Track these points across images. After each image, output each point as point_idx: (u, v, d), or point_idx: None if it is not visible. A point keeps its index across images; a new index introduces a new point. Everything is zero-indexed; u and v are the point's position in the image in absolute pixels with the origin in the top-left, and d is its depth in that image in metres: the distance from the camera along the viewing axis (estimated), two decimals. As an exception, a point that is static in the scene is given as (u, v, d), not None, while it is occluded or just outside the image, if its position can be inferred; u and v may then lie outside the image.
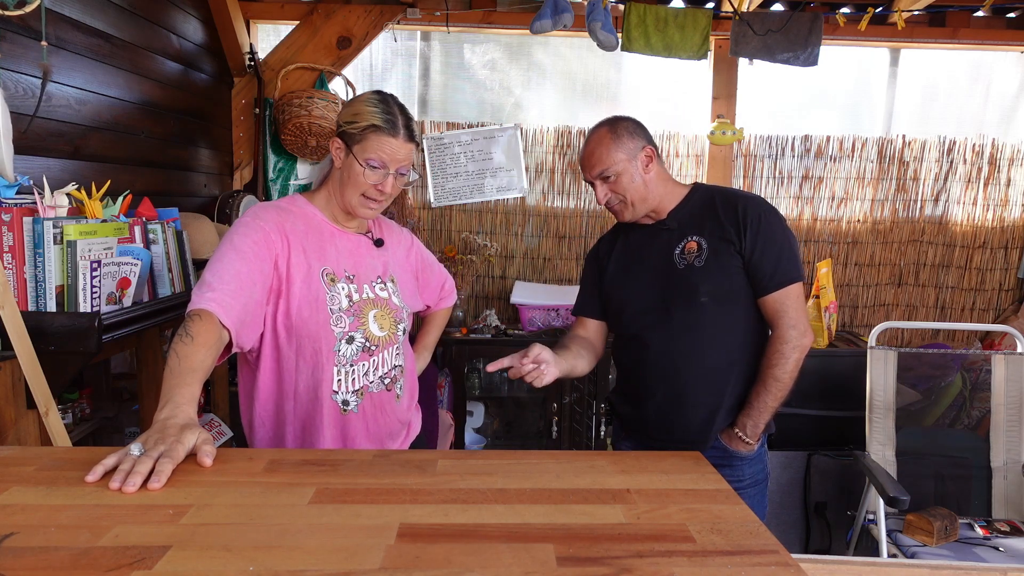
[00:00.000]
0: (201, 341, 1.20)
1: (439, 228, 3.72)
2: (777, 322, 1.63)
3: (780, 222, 1.65)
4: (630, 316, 1.73)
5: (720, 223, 1.64)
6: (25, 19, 1.75)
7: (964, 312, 3.83)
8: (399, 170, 1.46)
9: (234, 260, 1.34)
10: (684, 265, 1.64)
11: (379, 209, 1.50)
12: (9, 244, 1.60)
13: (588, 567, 0.77)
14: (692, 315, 1.63)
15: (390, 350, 1.54)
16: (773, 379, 1.61)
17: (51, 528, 0.82)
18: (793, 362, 1.61)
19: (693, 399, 1.66)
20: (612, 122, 1.68)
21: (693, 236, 1.66)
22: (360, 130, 1.42)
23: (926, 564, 1.44)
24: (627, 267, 1.75)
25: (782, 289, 1.62)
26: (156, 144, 2.70)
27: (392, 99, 1.47)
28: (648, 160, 1.66)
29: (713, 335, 1.64)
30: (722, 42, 3.48)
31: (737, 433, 1.65)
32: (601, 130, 1.68)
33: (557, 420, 3.36)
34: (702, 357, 1.64)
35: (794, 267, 1.63)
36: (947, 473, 2.57)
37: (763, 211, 1.64)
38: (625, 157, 1.64)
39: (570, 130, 3.67)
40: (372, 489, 0.97)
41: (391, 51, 3.68)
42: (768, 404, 1.62)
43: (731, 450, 1.67)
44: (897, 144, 3.71)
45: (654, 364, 1.68)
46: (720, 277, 1.62)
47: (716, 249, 1.63)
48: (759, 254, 1.61)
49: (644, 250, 1.73)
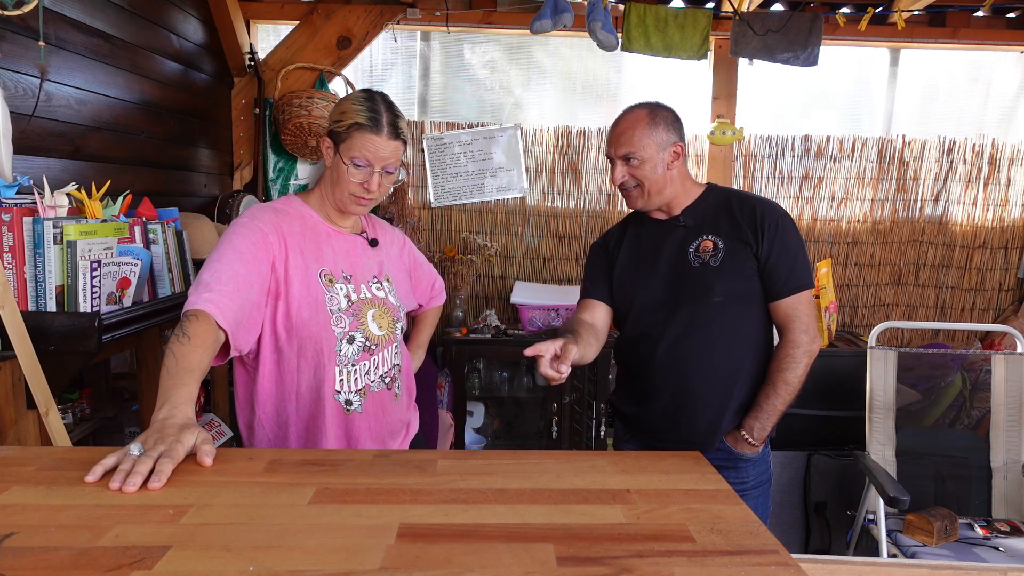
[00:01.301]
0: (198, 341, 1.20)
1: (439, 228, 3.72)
2: (789, 326, 1.63)
3: (795, 228, 1.67)
4: (639, 312, 1.71)
5: (737, 224, 1.64)
6: (24, 19, 1.75)
7: (964, 312, 3.83)
8: (385, 168, 1.45)
9: (232, 261, 1.34)
10: (699, 264, 1.64)
11: (369, 206, 1.51)
12: (9, 244, 1.60)
13: (588, 567, 0.77)
14: (704, 314, 1.63)
15: (389, 349, 1.54)
16: (784, 383, 1.61)
17: (51, 528, 0.82)
18: (804, 367, 1.62)
19: (700, 399, 1.65)
20: (653, 107, 1.65)
21: (709, 235, 1.65)
22: (345, 128, 1.42)
23: (926, 564, 1.44)
24: (638, 262, 1.73)
25: (795, 294, 1.63)
26: (156, 144, 2.70)
27: (379, 96, 1.46)
28: (676, 157, 1.65)
29: (723, 335, 1.63)
30: (722, 42, 3.48)
31: (743, 435, 1.65)
32: (640, 111, 1.65)
33: (557, 420, 3.36)
34: (711, 357, 1.64)
35: (807, 274, 1.65)
36: (947, 473, 2.57)
37: (780, 216, 1.65)
38: (655, 146, 1.62)
39: (570, 130, 3.67)
40: (372, 489, 0.97)
41: (391, 51, 3.68)
42: (776, 407, 1.62)
43: (736, 452, 1.66)
44: (897, 144, 3.71)
45: (662, 362, 1.67)
46: (735, 278, 1.62)
47: (732, 250, 1.63)
48: (775, 258, 1.61)
49: (657, 246, 1.71)
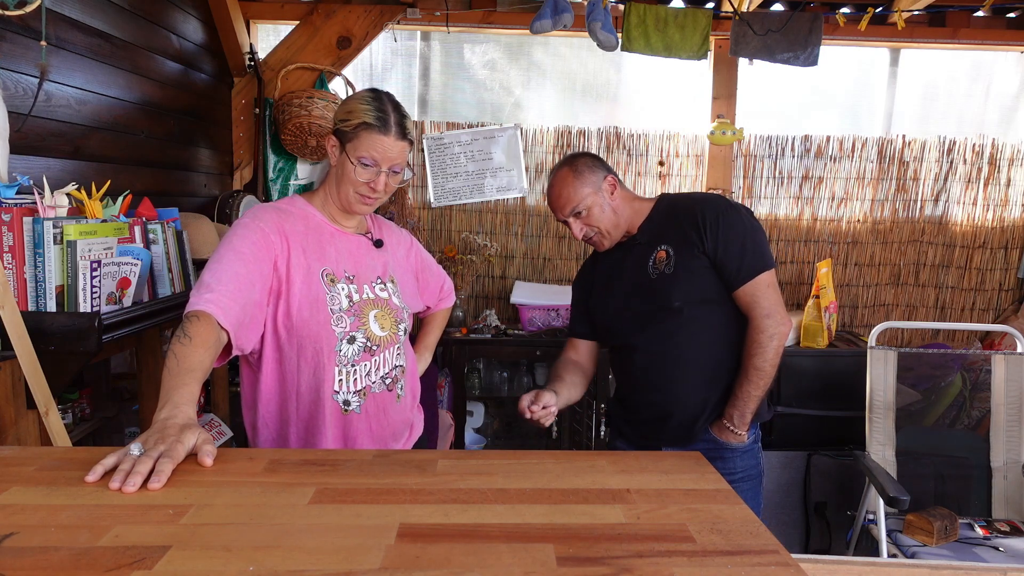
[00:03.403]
0: (199, 342, 1.20)
1: (439, 228, 3.72)
2: (752, 313, 1.67)
3: (739, 216, 1.69)
4: (615, 328, 1.81)
5: (682, 228, 1.70)
6: (25, 19, 1.75)
7: (964, 312, 3.83)
8: (392, 168, 1.46)
9: (233, 261, 1.34)
10: (656, 275, 1.72)
11: (374, 205, 1.51)
12: (9, 244, 1.60)
13: (588, 567, 0.77)
14: (669, 321, 1.70)
15: (391, 350, 1.54)
16: (754, 368, 1.65)
17: (51, 528, 0.82)
18: (772, 350, 1.65)
19: (681, 400, 1.72)
20: (570, 161, 1.76)
21: (661, 246, 1.73)
22: (353, 128, 1.42)
23: (926, 564, 1.44)
24: (608, 284, 1.83)
25: (751, 281, 1.66)
26: (156, 144, 2.70)
27: (386, 97, 1.47)
28: (612, 188, 1.75)
29: (692, 337, 1.70)
30: (722, 42, 3.48)
31: (726, 424, 1.70)
32: (562, 171, 1.75)
33: (557, 420, 3.35)
34: (684, 359, 1.71)
35: (759, 257, 1.67)
36: (947, 473, 2.57)
37: (720, 209, 1.69)
38: (591, 191, 1.72)
39: (570, 130, 3.67)
40: (372, 489, 0.97)
41: (391, 51, 3.68)
42: (752, 393, 1.66)
43: (721, 442, 1.72)
44: (897, 144, 3.71)
45: (641, 370, 1.75)
46: (689, 281, 1.68)
47: (682, 254, 1.69)
48: (723, 251, 1.66)
49: (621, 266, 1.80)
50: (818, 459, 2.93)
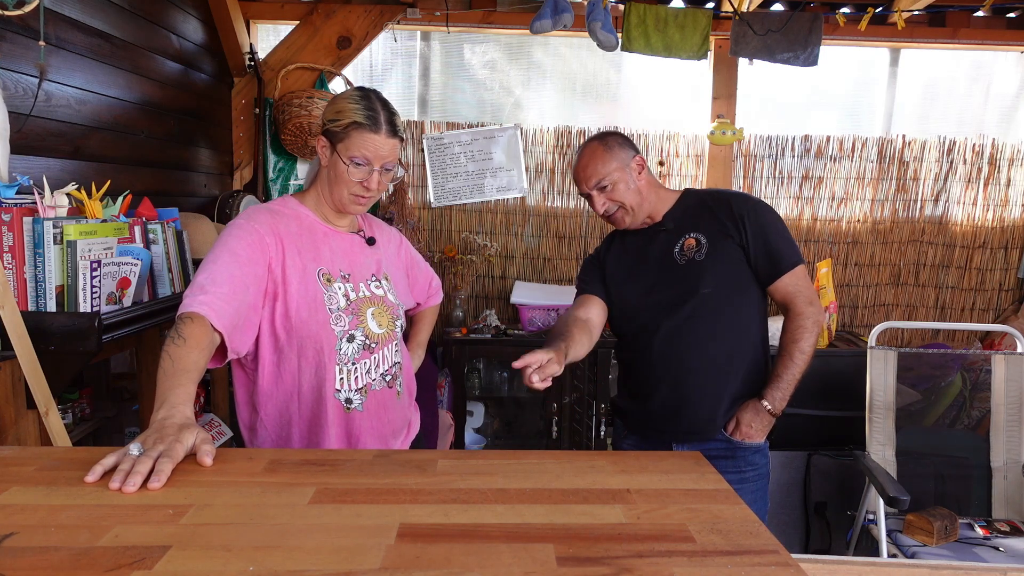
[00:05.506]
0: (193, 343, 1.20)
1: (439, 228, 3.72)
2: (794, 300, 1.72)
3: (771, 210, 1.77)
4: (633, 312, 1.79)
5: (718, 220, 1.73)
6: (24, 19, 1.75)
7: (964, 312, 3.83)
8: (384, 166, 1.46)
9: (228, 263, 1.34)
10: (685, 260, 1.73)
11: (368, 204, 1.52)
12: (9, 244, 1.60)
13: (588, 567, 0.77)
14: (695, 306, 1.70)
15: (390, 347, 1.54)
16: (800, 352, 1.71)
17: (51, 528, 0.82)
18: (815, 335, 1.72)
19: (698, 389, 1.72)
20: (601, 136, 1.78)
21: (691, 234, 1.74)
22: (343, 128, 1.42)
23: (926, 564, 1.44)
24: (627, 267, 1.82)
25: (791, 271, 1.71)
26: (156, 144, 2.70)
27: (374, 95, 1.47)
28: (639, 168, 1.77)
29: (716, 325, 1.71)
30: (722, 42, 3.48)
31: (764, 404, 1.71)
32: (592, 144, 1.77)
33: (557, 420, 3.36)
34: (706, 347, 1.71)
35: (796, 250, 1.75)
36: (947, 473, 2.57)
37: (754, 204, 1.75)
38: (618, 166, 1.73)
39: (570, 130, 3.67)
40: (372, 489, 0.97)
41: (391, 51, 3.68)
42: (795, 375, 1.71)
43: (735, 441, 1.73)
44: (897, 144, 3.71)
45: (659, 357, 1.74)
46: (722, 269, 1.70)
47: (716, 244, 1.71)
48: (762, 244, 1.70)
49: (643, 251, 1.80)
50: (818, 459, 2.93)
